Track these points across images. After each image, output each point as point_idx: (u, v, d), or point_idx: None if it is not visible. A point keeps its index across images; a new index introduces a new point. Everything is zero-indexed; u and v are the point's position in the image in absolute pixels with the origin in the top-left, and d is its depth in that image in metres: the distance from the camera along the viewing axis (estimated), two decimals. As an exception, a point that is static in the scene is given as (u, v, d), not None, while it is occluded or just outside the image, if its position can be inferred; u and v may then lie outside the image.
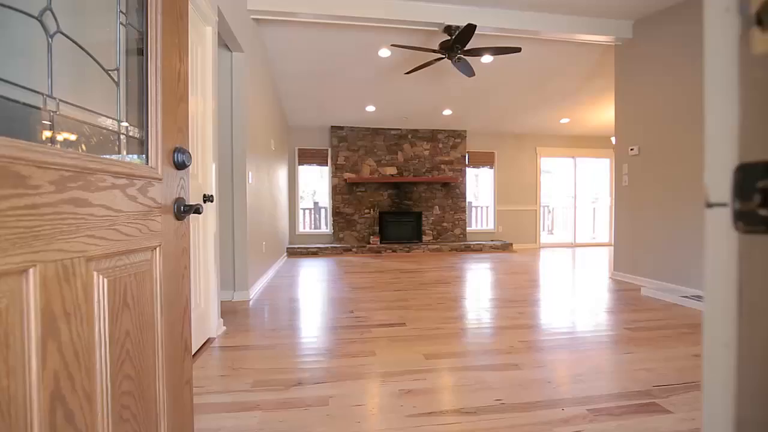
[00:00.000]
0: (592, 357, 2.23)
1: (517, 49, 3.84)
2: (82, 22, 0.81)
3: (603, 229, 8.60)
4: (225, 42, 3.29)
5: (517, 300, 3.54)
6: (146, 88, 0.92)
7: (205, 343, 2.38)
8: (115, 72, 0.84)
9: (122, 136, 0.88)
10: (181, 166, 1.04)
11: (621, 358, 2.21)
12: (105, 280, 0.76)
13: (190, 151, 1.07)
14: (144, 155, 0.93)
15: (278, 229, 5.68)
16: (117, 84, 0.85)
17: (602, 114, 6.75)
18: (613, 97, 5.84)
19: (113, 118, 0.84)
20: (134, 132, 0.91)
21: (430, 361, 2.16)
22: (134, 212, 0.85)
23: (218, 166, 3.27)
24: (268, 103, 4.84)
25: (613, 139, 7.13)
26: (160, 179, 0.96)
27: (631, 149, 4.24)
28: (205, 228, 2.43)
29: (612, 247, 7.76)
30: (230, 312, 3.14)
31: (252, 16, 3.72)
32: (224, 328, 2.70)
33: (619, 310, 3.21)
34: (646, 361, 2.16)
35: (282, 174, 6.12)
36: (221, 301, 3.37)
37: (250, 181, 3.67)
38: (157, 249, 0.96)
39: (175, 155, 1.02)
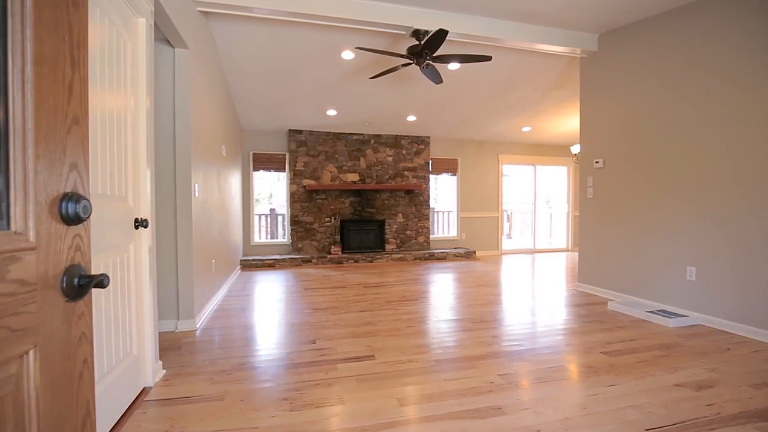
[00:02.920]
0: (576, 392, 2.08)
1: (488, 58, 3.70)
2: None
3: (560, 234, 8.79)
4: (165, 36, 2.88)
5: (488, 320, 3.38)
6: (5, 111, 0.60)
7: (138, 397, 1.99)
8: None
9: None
10: (74, 219, 0.72)
11: (605, 392, 2.08)
12: None
13: (88, 198, 0.75)
14: (3, 213, 0.60)
15: (230, 242, 5.23)
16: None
17: (563, 123, 6.85)
18: (573, 107, 5.91)
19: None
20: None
21: (405, 408, 1.92)
22: (-23, 312, 0.53)
23: (156, 182, 2.86)
24: (219, 105, 4.41)
25: (572, 149, 7.27)
26: (34, 247, 0.63)
27: (596, 162, 4.23)
28: (138, 258, 2.04)
29: (570, 253, 7.96)
30: (173, 347, 2.73)
31: (198, 8, 3.31)
32: (163, 371, 2.31)
33: (591, 329, 3.13)
34: (631, 396, 2.04)
35: (235, 181, 5.66)
36: (163, 333, 2.96)
37: (196, 195, 3.26)
38: (31, 353, 0.63)
39: (64, 206, 0.70)
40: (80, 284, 0.73)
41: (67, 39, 0.71)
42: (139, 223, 2.02)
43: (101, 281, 0.74)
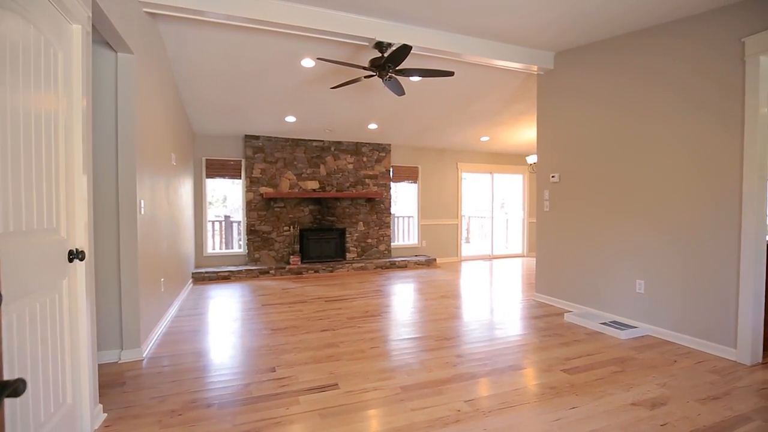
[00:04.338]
0: (541, 416, 2.09)
1: (450, 73, 3.70)
2: None
3: (516, 240, 9.08)
4: (107, 40, 2.62)
5: (451, 337, 3.38)
6: None
7: (72, 452, 1.77)
8: None
9: None
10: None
11: (568, 416, 2.11)
12: None
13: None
14: None
15: (181, 256, 4.91)
16: None
17: (519, 134, 7.06)
18: (529, 119, 6.10)
19: None
20: None
21: (372, 447, 1.84)
22: None
23: (96, 200, 2.61)
24: (168, 110, 4.11)
25: (527, 158, 7.53)
26: None
27: (553, 176, 4.37)
28: (73, 295, 1.81)
29: (525, 259, 8.24)
30: (115, 383, 2.49)
31: (145, 9, 3.05)
32: (104, 416, 2.09)
33: (550, 344, 3.21)
34: (592, 419, 2.08)
35: (186, 191, 5.33)
36: (105, 365, 2.69)
37: (142, 212, 3.00)
38: None
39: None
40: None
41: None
42: (75, 255, 1.80)
43: (16, 389, 0.61)
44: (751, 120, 2.75)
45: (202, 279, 5.86)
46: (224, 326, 3.71)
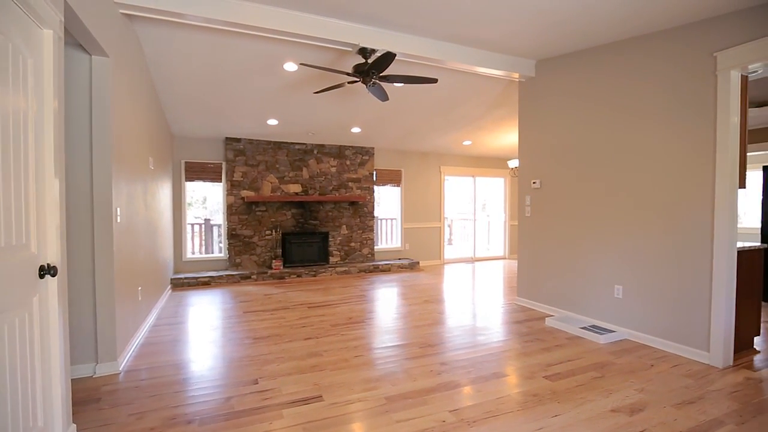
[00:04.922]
0: (524, 425, 2.11)
1: (434, 80, 3.72)
2: None
3: (498, 242, 9.19)
4: (80, 43, 2.53)
5: (435, 344, 3.39)
6: None
7: (43, 477, 1.70)
8: None
9: None
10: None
11: (551, 424, 2.14)
12: None
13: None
14: None
15: (160, 262, 4.78)
16: None
17: (501, 138, 7.15)
18: (511, 124, 6.19)
19: None
20: None
21: (357, 462, 1.82)
22: None
23: (69, 209, 2.51)
24: (146, 113, 4.00)
25: (509, 162, 7.63)
26: None
27: (534, 182, 4.43)
28: (45, 312, 1.74)
29: (507, 261, 8.35)
30: (90, 399, 2.40)
31: (121, 11, 2.96)
32: (77, 436, 2.01)
33: (532, 349, 3.25)
34: (574, 427, 2.12)
35: (164, 195, 5.19)
36: (79, 379, 2.59)
37: (118, 220, 2.90)
38: None
39: None
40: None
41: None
42: (46, 271, 1.72)
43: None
44: (722, 131, 2.84)
45: (181, 285, 5.72)
46: (204, 335, 3.63)
